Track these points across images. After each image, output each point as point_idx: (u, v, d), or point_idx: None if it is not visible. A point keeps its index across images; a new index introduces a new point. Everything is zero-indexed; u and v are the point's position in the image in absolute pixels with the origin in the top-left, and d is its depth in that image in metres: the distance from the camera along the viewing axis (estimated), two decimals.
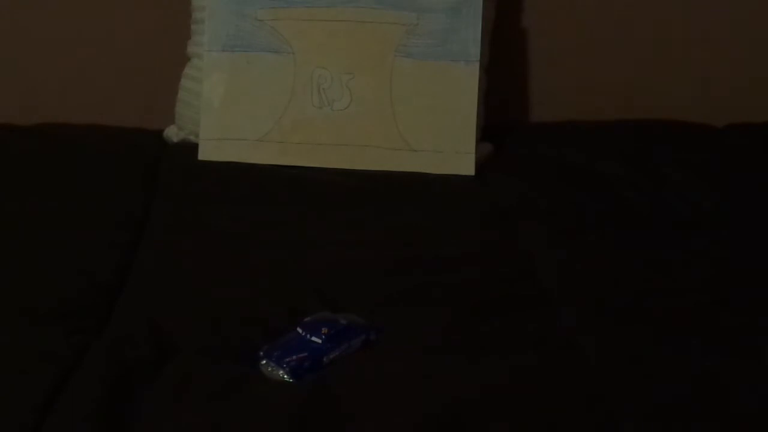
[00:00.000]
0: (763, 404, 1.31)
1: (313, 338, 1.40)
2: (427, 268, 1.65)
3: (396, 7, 2.05)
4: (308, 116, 2.06)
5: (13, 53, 2.24)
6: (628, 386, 1.35)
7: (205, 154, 2.05)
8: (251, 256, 1.68)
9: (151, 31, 2.23)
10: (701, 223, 1.82)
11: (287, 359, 1.36)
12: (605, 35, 2.29)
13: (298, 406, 1.29)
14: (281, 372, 1.35)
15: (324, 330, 1.41)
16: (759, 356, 1.41)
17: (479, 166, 2.05)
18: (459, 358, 1.40)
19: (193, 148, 2.07)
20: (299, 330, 1.42)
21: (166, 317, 1.48)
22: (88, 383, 1.31)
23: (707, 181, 1.97)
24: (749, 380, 1.35)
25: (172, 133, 2.15)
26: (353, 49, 2.06)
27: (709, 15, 2.29)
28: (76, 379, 1.32)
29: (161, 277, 1.61)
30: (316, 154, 2.05)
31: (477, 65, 2.05)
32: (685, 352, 1.41)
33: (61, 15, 2.23)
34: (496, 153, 2.11)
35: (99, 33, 2.24)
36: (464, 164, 2.04)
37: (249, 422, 1.26)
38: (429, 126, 2.05)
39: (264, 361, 1.37)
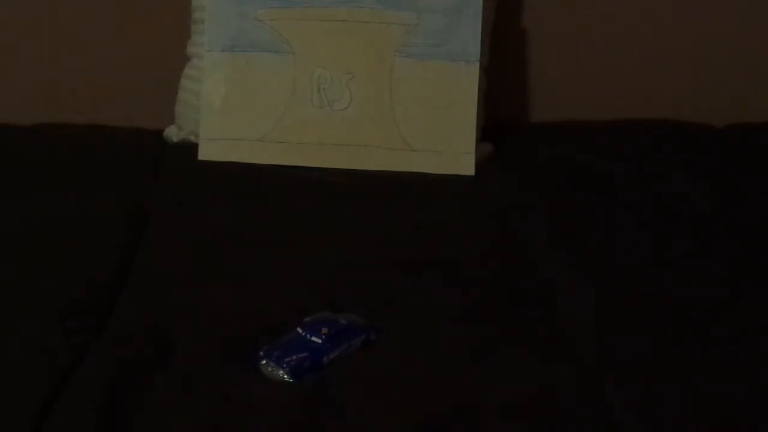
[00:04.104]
0: (764, 404, 1.31)
1: (313, 338, 1.40)
2: (428, 268, 1.65)
3: (396, 7, 2.05)
4: (308, 116, 2.05)
5: (13, 53, 2.24)
6: (628, 386, 1.35)
7: (205, 154, 2.05)
8: (251, 256, 1.68)
9: (151, 31, 2.23)
10: (701, 223, 1.82)
11: (287, 359, 1.36)
12: (605, 35, 2.29)
13: (298, 406, 1.29)
14: (281, 372, 1.35)
15: (324, 330, 1.41)
16: (760, 357, 1.41)
17: (479, 166, 2.05)
18: (459, 358, 1.40)
19: (193, 148, 2.07)
20: (299, 330, 1.42)
21: (166, 317, 1.48)
22: (88, 383, 1.32)
23: (707, 181, 1.97)
24: (750, 381, 1.35)
25: (172, 133, 2.15)
26: (353, 49, 2.06)
27: (709, 15, 2.29)
28: (76, 379, 1.33)
29: (161, 277, 1.61)
30: (316, 154, 2.05)
31: (477, 65, 2.05)
32: (686, 351, 1.42)
33: (61, 15, 2.23)
34: (496, 153, 2.11)
35: (99, 33, 2.24)
36: (464, 164, 2.04)
37: (249, 422, 1.26)
38: (429, 126, 2.05)
39: (264, 361, 1.37)
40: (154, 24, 2.22)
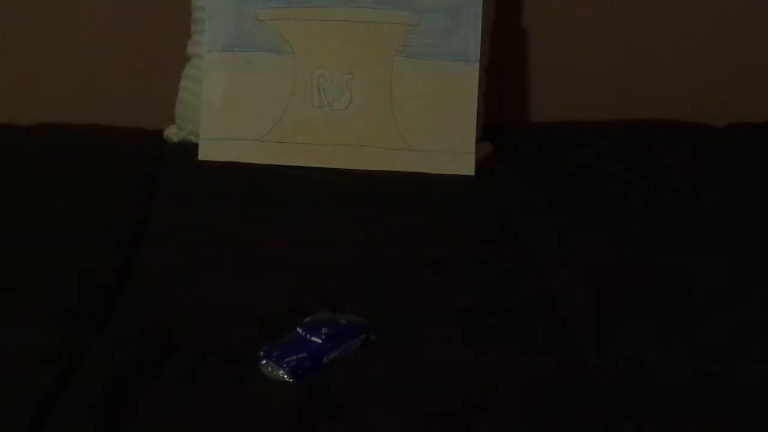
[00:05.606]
0: (764, 404, 1.31)
1: (313, 338, 1.40)
2: (428, 268, 1.65)
3: (396, 7, 2.05)
4: (308, 116, 2.05)
5: (13, 53, 2.24)
6: (628, 386, 1.35)
7: (205, 154, 2.05)
8: (251, 256, 1.68)
9: (151, 31, 2.23)
10: (701, 222, 1.82)
11: (287, 359, 1.36)
12: (605, 35, 2.29)
13: (298, 406, 1.29)
14: (281, 372, 1.35)
15: (324, 330, 1.41)
16: (759, 356, 1.41)
17: (479, 166, 2.05)
18: (459, 358, 1.40)
19: (193, 148, 2.07)
20: (299, 330, 1.42)
21: (166, 317, 1.48)
22: (88, 383, 1.32)
23: (707, 181, 1.97)
24: (749, 380, 1.35)
25: (172, 133, 2.15)
26: (353, 49, 2.06)
27: (709, 15, 2.29)
28: (76, 379, 1.33)
29: (161, 277, 1.61)
30: (316, 154, 2.05)
31: (477, 65, 2.05)
32: (686, 351, 1.42)
33: (61, 15, 2.23)
34: (496, 153, 2.11)
35: (99, 33, 2.24)
36: (464, 164, 2.04)
37: (249, 422, 1.26)
38: (429, 126, 2.05)
39: (264, 361, 1.37)
40: (154, 24, 2.22)
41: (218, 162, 2.04)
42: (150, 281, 1.60)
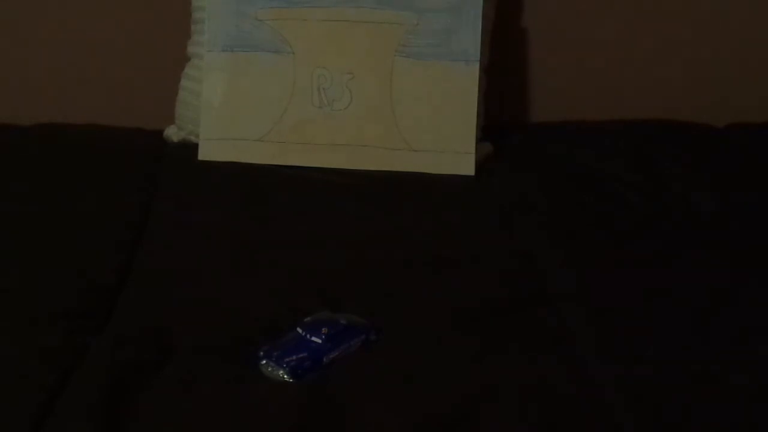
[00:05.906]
0: (764, 404, 1.31)
1: (313, 338, 1.40)
2: (427, 268, 1.65)
3: (396, 7, 2.05)
4: (308, 116, 2.05)
5: (13, 53, 2.24)
6: (628, 386, 1.35)
7: (205, 154, 2.05)
8: (251, 256, 1.68)
9: (151, 31, 2.23)
10: (701, 223, 1.82)
11: (287, 359, 1.37)
12: (605, 35, 2.29)
13: (298, 406, 1.29)
14: (281, 372, 1.35)
15: (324, 330, 1.41)
16: (758, 356, 1.41)
17: (479, 166, 2.05)
18: (459, 358, 1.40)
19: (193, 148, 2.07)
20: (299, 330, 1.42)
21: (166, 317, 1.48)
22: (88, 383, 1.32)
23: (707, 181, 1.97)
24: (749, 381, 1.35)
25: (172, 133, 2.15)
26: (353, 49, 2.06)
27: (709, 14, 2.29)
28: (76, 379, 1.33)
29: (161, 277, 1.61)
30: (316, 154, 2.05)
31: (477, 65, 2.05)
32: (685, 352, 1.42)
33: (61, 15, 2.23)
34: (496, 153, 2.11)
35: (99, 33, 2.24)
36: (464, 164, 2.04)
37: (249, 422, 1.26)
38: (429, 126, 2.05)
39: (264, 361, 1.37)
40: (154, 24, 2.22)
41: (218, 162, 2.04)
42: (150, 281, 1.60)
